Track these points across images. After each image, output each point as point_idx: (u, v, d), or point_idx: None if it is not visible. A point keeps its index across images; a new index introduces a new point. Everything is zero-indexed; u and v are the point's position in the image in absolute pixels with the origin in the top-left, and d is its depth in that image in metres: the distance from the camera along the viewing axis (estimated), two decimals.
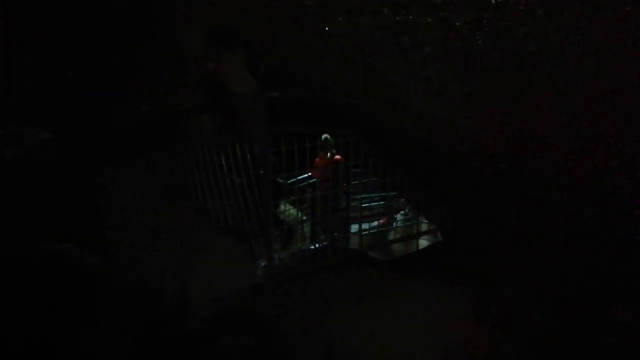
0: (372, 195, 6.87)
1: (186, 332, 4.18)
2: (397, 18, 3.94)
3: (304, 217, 6.44)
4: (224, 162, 4.78)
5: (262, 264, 4.89)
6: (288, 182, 6.17)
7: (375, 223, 7.19)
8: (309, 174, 6.34)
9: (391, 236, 6.51)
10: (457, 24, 3.66)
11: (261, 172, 4.44)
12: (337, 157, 5.66)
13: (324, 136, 5.66)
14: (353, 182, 6.06)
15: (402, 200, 7.00)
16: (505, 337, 3.71)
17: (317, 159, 5.86)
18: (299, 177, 6.24)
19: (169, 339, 4.18)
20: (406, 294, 4.15)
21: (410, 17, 3.86)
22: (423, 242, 6.05)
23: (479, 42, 3.54)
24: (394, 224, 6.88)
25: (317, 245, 5.74)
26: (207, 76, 6.66)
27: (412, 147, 4.36)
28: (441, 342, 3.60)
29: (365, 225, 6.64)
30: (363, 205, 6.43)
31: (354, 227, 6.24)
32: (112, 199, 5.23)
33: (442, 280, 4.27)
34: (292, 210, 6.98)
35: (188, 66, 6.66)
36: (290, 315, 4.06)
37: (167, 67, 6.47)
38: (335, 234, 5.90)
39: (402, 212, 7.30)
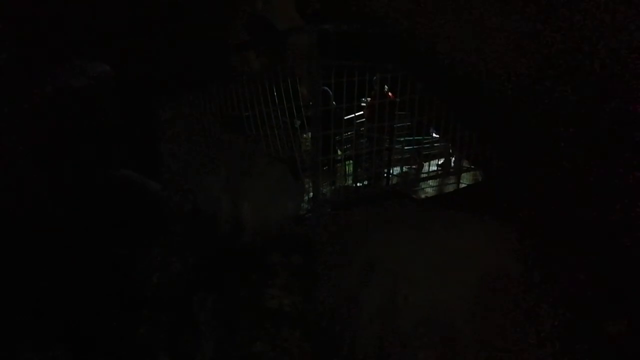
0: (414, 137, 6.95)
1: (238, 249, 4.57)
2: None
3: (347, 156, 6.64)
4: (275, 97, 4.95)
5: (308, 195, 5.16)
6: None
7: (415, 166, 7.32)
8: (353, 114, 6.47)
9: (431, 175, 6.62)
10: None
11: (311, 104, 4.58)
12: (390, 94, 5.65)
13: (377, 75, 5.49)
14: (397, 125, 6.12)
15: (444, 142, 7.07)
16: (538, 268, 3.85)
17: (369, 98, 5.89)
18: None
19: (223, 255, 4.60)
20: (445, 226, 4.31)
21: None
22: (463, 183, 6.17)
23: None
24: (437, 164, 6.98)
25: (359, 183, 5.98)
26: (255, 14, 6.78)
27: (459, 82, 4.38)
28: (476, 267, 3.78)
29: (405, 168, 6.79)
30: (406, 148, 6.55)
31: (396, 169, 6.41)
32: (170, 129, 5.58)
33: (480, 214, 4.39)
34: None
35: (238, 4, 6.78)
36: (334, 239, 4.34)
37: (217, 5, 6.61)
38: (377, 173, 6.09)
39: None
